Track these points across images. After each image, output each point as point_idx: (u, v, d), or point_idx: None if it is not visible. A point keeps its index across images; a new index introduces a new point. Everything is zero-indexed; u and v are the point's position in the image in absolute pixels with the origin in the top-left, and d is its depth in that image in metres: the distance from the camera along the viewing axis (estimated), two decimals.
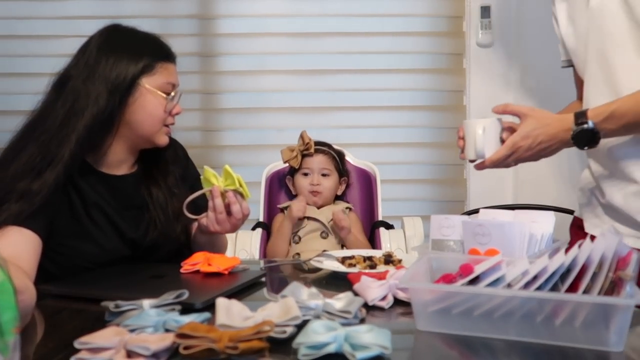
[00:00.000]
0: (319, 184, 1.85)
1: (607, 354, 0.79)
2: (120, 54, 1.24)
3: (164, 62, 1.29)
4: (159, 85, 1.27)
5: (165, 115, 1.29)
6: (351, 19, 2.40)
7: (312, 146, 1.87)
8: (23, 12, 2.36)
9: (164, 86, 1.27)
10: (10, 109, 2.33)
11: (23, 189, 1.13)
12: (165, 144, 1.33)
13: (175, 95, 1.31)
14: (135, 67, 1.24)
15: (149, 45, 1.30)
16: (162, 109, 1.27)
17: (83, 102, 1.21)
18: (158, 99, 1.27)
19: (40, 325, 0.97)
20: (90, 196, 1.25)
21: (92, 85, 1.21)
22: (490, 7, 2.32)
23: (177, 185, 1.38)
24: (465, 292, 0.87)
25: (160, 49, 1.31)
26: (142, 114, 1.26)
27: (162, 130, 1.30)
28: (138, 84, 1.25)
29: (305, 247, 1.78)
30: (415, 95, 2.43)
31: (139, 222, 1.31)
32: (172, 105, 1.30)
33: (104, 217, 1.27)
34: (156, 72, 1.27)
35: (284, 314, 0.83)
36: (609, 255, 0.89)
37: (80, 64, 1.25)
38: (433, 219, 1.25)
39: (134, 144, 1.31)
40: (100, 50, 1.25)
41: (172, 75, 1.30)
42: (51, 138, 1.19)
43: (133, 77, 1.24)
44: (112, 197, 1.29)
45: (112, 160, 1.30)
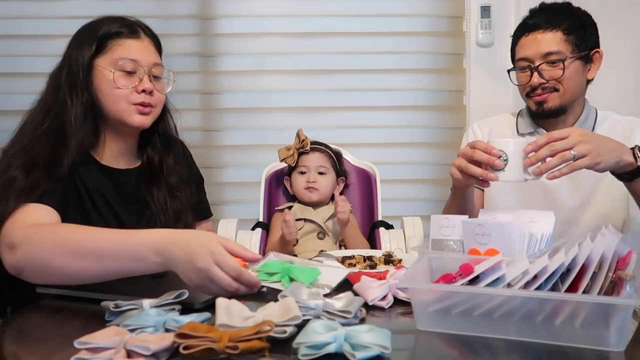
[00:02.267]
0: (315, 181, 1.85)
1: (607, 353, 0.79)
2: (80, 41, 1.28)
3: (118, 38, 1.28)
4: (111, 61, 1.26)
5: (125, 92, 1.26)
6: (351, 19, 2.40)
7: (308, 144, 1.86)
8: (23, 12, 2.35)
9: (116, 62, 1.26)
10: (11, 109, 2.33)
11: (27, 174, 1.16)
12: (140, 125, 1.30)
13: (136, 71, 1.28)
14: (89, 49, 1.27)
15: (105, 26, 1.29)
16: (113, 86, 1.26)
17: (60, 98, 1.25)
18: (112, 77, 1.26)
19: (41, 325, 0.97)
20: (95, 186, 1.27)
21: (67, 78, 1.26)
22: (490, 7, 2.32)
23: (180, 186, 1.38)
24: (465, 292, 0.87)
25: (120, 26, 1.30)
26: (101, 95, 1.27)
27: (129, 109, 1.28)
28: (93, 65, 1.27)
29: (303, 248, 1.78)
30: (415, 95, 2.43)
31: (139, 218, 1.31)
32: (136, 81, 1.27)
33: (108, 208, 1.28)
34: (109, 50, 1.27)
35: (284, 314, 0.83)
36: (609, 255, 0.89)
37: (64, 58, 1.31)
38: (433, 219, 1.25)
39: (120, 131, 1.32)
40: (69, 45, 1.30)
41: (128, 51, 1.27)
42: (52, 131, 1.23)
43: (88, 58, 1.26)
44: (115, 190, 1.30)
45: (111, 151, 1.32)
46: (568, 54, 1.56)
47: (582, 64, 1.59)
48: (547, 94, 1.59)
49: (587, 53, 1.59)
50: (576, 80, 1.59)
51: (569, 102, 1.60)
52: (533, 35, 1.59)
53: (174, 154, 1.41)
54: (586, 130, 1.37)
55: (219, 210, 2.33)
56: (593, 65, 1.62)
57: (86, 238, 1.07)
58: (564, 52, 1.56)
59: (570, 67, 1.57)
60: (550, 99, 1.59)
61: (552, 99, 1.59)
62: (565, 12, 1.61)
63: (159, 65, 1.33)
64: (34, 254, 1.06)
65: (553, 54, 1.57)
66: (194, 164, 1.52)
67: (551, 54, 1.57)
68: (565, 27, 1.57)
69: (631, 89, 2.32)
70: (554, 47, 1.57)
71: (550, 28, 1.58)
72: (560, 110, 1.61)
